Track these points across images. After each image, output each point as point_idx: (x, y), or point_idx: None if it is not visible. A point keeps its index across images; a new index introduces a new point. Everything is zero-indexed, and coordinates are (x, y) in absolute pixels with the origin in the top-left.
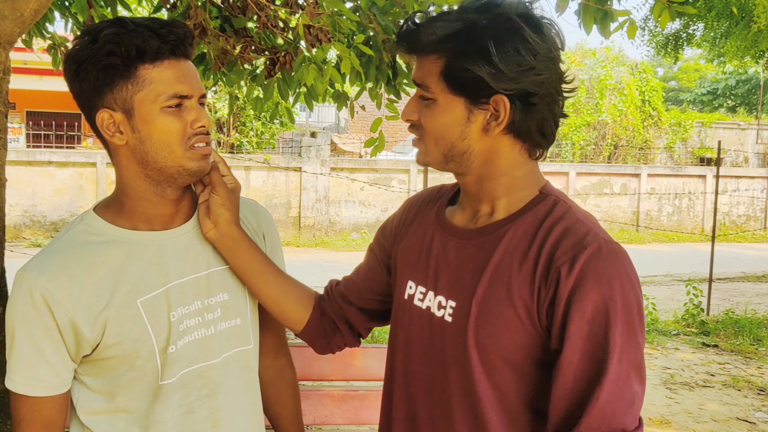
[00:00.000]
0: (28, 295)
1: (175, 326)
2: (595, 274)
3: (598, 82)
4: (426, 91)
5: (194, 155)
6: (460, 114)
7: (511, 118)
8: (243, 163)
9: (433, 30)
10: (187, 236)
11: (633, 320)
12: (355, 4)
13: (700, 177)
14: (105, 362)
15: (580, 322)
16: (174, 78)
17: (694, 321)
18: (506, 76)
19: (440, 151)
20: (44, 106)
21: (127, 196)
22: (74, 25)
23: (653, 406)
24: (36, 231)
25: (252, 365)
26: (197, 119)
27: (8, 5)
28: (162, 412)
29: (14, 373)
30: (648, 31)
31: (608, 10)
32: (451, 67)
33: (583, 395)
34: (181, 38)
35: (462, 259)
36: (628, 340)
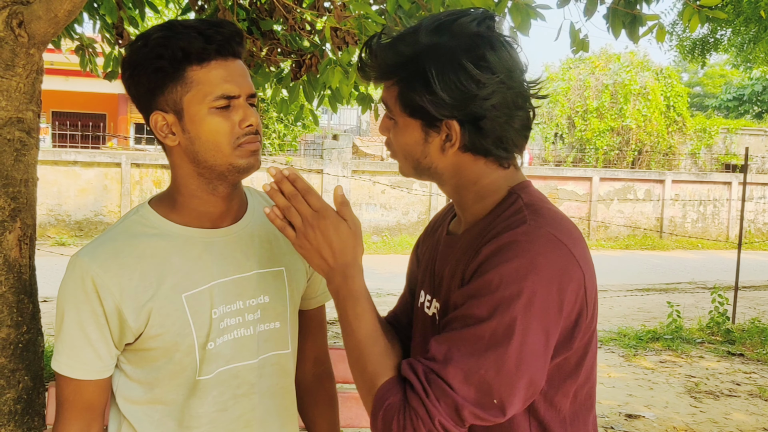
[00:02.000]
0: (79, 280)
1: (215, 324)
2: (505, 250)
3: (622, 87)
4: (389, 113)
5: (243, 152)
6: (418, 135)
7: (463, 141)
8: (265, 165)
9: (387, 57)
10: (235, 236)
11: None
12: (381, 7)
13: (726, 184)
14: (146, 353)
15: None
16: (221, 78)
17: (719, 329)
18: (448, 104)
19: (410, 166)
20: (70, 107)
21: (180, 193)
22: (102, 26)
23: (677, 415)
24: (61, 230)
25: (289, 369)
26: (245, 118)
27: (43, 6)
28: (197, 407)
29: (60, 354)
30: (675, 35)
31: (637, 15)
32: (402, 94)
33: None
34: (228, 38)
35: (443, 262)
36: (499, 323)
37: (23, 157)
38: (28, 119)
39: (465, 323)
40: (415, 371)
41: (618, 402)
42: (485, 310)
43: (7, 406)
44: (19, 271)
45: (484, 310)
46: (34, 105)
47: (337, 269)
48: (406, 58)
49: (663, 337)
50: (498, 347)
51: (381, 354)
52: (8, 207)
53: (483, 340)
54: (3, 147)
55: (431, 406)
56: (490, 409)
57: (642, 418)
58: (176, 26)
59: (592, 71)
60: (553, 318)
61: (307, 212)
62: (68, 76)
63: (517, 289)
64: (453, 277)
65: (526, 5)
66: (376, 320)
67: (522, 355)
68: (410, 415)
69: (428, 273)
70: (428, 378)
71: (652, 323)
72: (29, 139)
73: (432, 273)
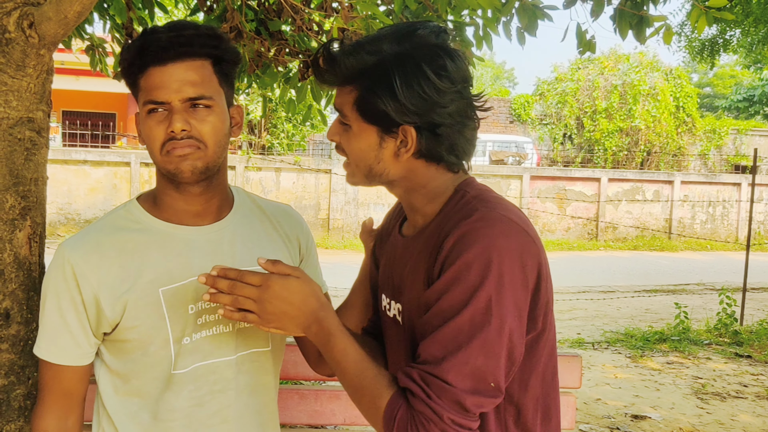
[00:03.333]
0: (60, 268)
1: (192, 319)
2: (466, 238)
3: (631, 88)
4: (344, 118)
5: (170, 158)
6: (373, 141)
7: (418, 146)
8: (273, 164)
9: (348, 63)
10: (216, 234)
11: (489, 291)
12: (389, 8)
13: (735, 185)
14: (123, 344)
15: (444, 278)
16: (152, 85)
17: (727, 331)
18: (411, 110)
19: (362, 172)
20: (80, 106)
21: (158, 189)
22: (112, 26)
23: (684, 416)
24: (70, 228)
25: (268, 367)
26: (169, 124)
27: (53, 7)
28: (172, 401)
29: (41, 339)
30: (684, 36)
31: (644, 16)
32: (362, 99)
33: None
34: (164, 46)
35: (402, 265)
36: (476, 308)
37: (33, 157)
38: (39, 119)
39: (443, 318)
40: (412, 378)
41: (624, 403)
42: (459, 300)
43: (17, 401)
44: (29, 268)
45: (457, 301)
46: (45, 105)
47: (309, 319)
48: (370, 64)
49: (670, 338)
50: (480, 332)
51: (374, 378)
52: (18, 205)
53: (464, 330)
54: (14, 146)
55: (436, 406)
56: (489, 393)
57: (648, 419)
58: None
59: (601, 72)
60: (521, 294)
61: (253, 292)
62: (78, 76)
63: (484, 273)
64: (415, 279)
65: (533, 6)
66: (359, 349)
67: (502, 333)
68: (420, 419)
69: (386, 276)
70: (425, 380)
71: (660, 324)
72: (39, 138)
73: (390, 276)
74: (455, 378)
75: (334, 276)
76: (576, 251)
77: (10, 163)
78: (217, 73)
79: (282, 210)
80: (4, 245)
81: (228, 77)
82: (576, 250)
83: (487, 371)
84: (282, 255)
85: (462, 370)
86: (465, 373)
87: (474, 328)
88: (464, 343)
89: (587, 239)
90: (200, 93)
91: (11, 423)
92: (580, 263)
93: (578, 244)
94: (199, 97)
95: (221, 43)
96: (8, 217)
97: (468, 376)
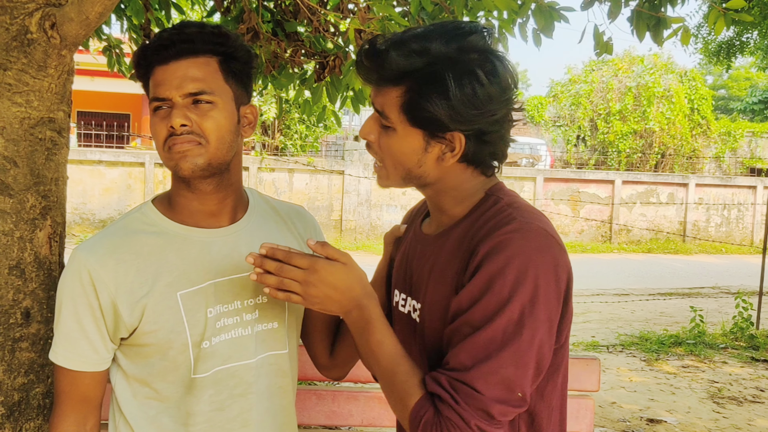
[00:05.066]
0: (76, 273)
1: (211, 322)
2: (502, 247)
3: (645, 90)
4: (386, 120)
5: (171, 155)
6: (418, 145)
7: (465, 151)
8: (287, 165)
9: (395, 62)
10: (233, 236)
11: (522, 303)
12: (405, 9)
13: (750, 188)
14: (141, 348)
15: (474, 285)
16: (156, 83)
17: (743, 335)
18: (463, 117)
19: (399, 175)
20: (95, 107)
21: (172, 190)
22: (129, 27)
23: (700, 420)
24: (85, 228)
25: (286, 369)
26: (169, 119)
27: (75, 8)
28: (193, 405)
29: (57, 345)
30: (701, 38)
31: (662, 17)
32: (411, 102)
33: (455, 346)
34: (166, 45)
35: (423, 263)
36: (508, 319)
37: (54, 157)
38: (59, 119)
39: (474, 326)
40: (440, 383)
41: (639, 407)
42: (491, 309)
43: (36, 400)
44: (48, 268)
45: (490, 310)
46: (65, 105)
47: (351, 304)
48: (420, 66)
49: (685, 341)
50: (511, 343)
51: (407, 374)
52: (39, 205)
53: (496, 339)
54: (35, 146)
55: (464, 412)
56: (515, 402)
57: (664, 423)
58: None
59: (615, 73)
60: (554, 306)
61: (299, 275)
62: (94, 77)
63: (519, 283)
64: (440, 280)
65: (549, 7)
66: (396, 343)
67: (533, 345)
68: (446, 425)
69: (402, 272)
70: (454, 387)
71: (675, 328)
72: (60, 138)
73: (406, 272)
74: (484, 386)
75: None
76: (589, 254)
77: (31, 162)
78: (224, 71)
79: (295, 211)
80: (24, 244)
81: (238, 75)
82: (589, 253)
83: (516, 381)
84: None
85: (491, 378)
86: (494, 382)
87: (506, 339)
88: (495, 353)
89: (601, 242)
90: (201, 88)
91: (30, 421)
92: (594, 266)
93: (592, 247)
94: (199, 92)
95: (227, 40)
96: (29, 217)
97: (497, 385)
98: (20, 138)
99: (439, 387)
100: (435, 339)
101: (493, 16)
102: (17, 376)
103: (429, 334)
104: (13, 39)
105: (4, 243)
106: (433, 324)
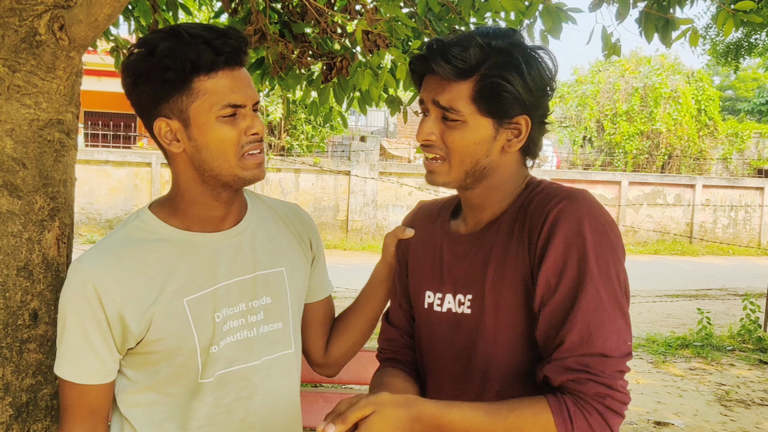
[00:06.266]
0: (80, 286)
1: (219, 327)
2: (563, 216)
3: (652, 91)
4: (454, 114)
5: (247, 164)
6: (488, 133)
7: (528, 136)
8: (293, 165)
9: (467, 56)
10: (236, 239)
11: (605, 255)
12: (411, 11)
13: (758, 189)
14: (148, 356)
15: (554, 257)
16: (227, 88)
17: (751, 337)
18: (534, 98)
19: (464, 169)
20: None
21: (183, 198)
22: (137, 27)
23: (707, 423)
24: (92, 228)
25: (292, 369)
26: (251, 126)
27: (83, 10)
28: (198, 409)
29: (63, 359)
30: (709, 39)
31: (670, 18)
32: (483, 90)
33: (562, 325)
34: (236, 49)
35: (471, 258)
36: (600, 273)
37: (62, 158)
38: (68, 121)
39: (572, 296)
40: (570, 368)
41: (647, 409)
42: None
43: (44, 401)
44: (56, 269)
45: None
46: (74, 107)
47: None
48: (490, 56)
49: (693, 344)
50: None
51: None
52: (47, 206)
53: (600, 297)
54: (43, 148)
55: (606, 379)
56: (629, 351)
57: (671, 425)
58: (182, 35)
59: (622, 74)
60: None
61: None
62: (101, 77)
63: (599, 236)
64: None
65: (557, 8)
66: (473, 404)
67: (621, 287)
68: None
69: (435, 273)
70: (584, 363)
71: (682, 330)
72: (68, 140)
73: (441, 272)
74: (609, 347)
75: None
76: None
77: (39, 164)
78: None
79: (292, 210)
80: (32, 246)
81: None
82: None
83: (626, 330)
84: (297, 254)
85: (611, 339)
86: (614, 341)
87: (605, 294)
88: (602, 312)
89: None
90: (258, 98)
91: (38, 422)
92: None
93: None
94: (258, 102)
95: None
96: (37, 218)
97: (617, 342)
98: (29, 140)
99: (571, 372)
100: (497, 324)
101: (500, 18)
102: (25, 377)
103: (489, 321)
104: (22, 41)
105: (12, 244)
106: (499, 311)
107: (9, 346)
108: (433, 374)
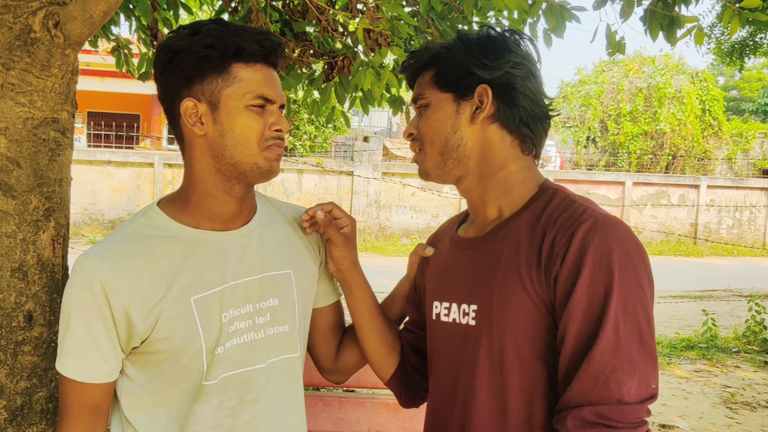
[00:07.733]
0: (87, 282)
1: (225, 327)
2: (592, 247)
3: (656, 91)
4: (422, 100)
5: (269, 155)
6: (450, 108)
7: (493, 107)
8: (296, 166)
9: (430, 50)
10: (245, 239)
11: (631, 293)
12: (414, 9)
13: (763, 189)
14: (152, 356)
15: (579, 293)
16: (262, 81)
17: (756, 338)
18: (488, 65)
19: (437, 151)
20: (104, 107)
21: (195, 190)
22: (138, 27)
23: (713, 426)
24: (94, 228)
25: (297, 373)
26: (277, 122)
27: (78, 7)
28: (202, 412)
29: (66, 356)
30: (713, 38)
31: (675, 17)
32: (441, 69)
33: (579, 364)
34: (275, 48)
35: (476, 265)
36: (624, 311)
37: (58, 157)
38: (63, 119)
39: (592, 334)
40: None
41: (652, 412)
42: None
43: (39, 404)
44: (52, 270)
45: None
46: (69, 105)
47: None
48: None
49: (697, 345)
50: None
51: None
52: (42, 206)
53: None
54: (38, 147)
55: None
56: (654, 394)
57: (676, 428)
58: (228, 24)
59: (626, 74)
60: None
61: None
62: (104, 77)
63: (627, 277)
64: (507, 274)
65: (561, 7)
66: None
67: (650, 328)
68: None
69: (441, 282)
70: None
71: (687, 331)
72: (64, 139)
73: (446, 280)
74: (627, 393)
75: None
76: None
77: (34, 163)
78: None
79: (300, 213)
80: (27, 246)
81: None
82: None
83: (650, 374)
84: (305, 257)
85: (629, 382)
86: (635, 387)
87: (627, 334)
88: (622, 353)
89: None
90: (285, 101)
91: (33, 426)
92: None
93: None
94: (284, 105)
95: None
96: (32, 219)
97: (638, 388)
98: (23, 138)
99: (588, 425)
100: (503, 334)
101: (504, 16)
102: (20, 380)
103: (496, 332)
104: (17, 38)
105: (6, 245)
106: (503, 321)
107: (3, 349)
108: (436, 388)
